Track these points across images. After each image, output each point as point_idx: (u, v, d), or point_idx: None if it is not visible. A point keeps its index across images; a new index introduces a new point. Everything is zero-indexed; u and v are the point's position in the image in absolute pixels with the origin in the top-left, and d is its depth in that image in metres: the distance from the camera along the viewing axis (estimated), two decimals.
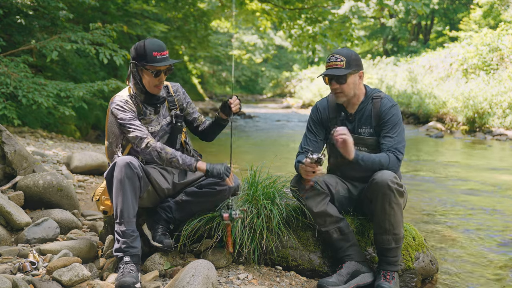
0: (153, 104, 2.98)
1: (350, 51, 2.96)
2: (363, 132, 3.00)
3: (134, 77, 2.93)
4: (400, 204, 2.80)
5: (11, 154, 4.03)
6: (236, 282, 2.75)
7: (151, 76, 2.87)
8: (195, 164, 2.85)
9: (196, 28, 18.02)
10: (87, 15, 12.32)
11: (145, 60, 2.83)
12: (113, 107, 2.89)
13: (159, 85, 2.92)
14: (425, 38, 33.82)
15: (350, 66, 2.90)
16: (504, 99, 14.32)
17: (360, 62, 2.96)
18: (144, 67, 2.85)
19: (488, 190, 6.55)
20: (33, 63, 9.10)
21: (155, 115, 3.01)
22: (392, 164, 2.85)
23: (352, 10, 32.52)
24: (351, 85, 2.93)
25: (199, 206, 2.99)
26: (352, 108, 3.03)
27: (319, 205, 2.90)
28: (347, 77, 2.91)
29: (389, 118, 2.93)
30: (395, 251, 2.88)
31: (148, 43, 2.84)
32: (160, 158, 2.85)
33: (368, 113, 2.99)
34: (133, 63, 2.89)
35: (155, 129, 3.01)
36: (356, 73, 2.94)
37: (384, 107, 2.95)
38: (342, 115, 3.05)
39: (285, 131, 15.76)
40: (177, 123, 3.05)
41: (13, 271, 2.73)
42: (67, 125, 10.45)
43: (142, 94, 2.95)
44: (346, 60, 2.90)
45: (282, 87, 45.26)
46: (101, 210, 3.00)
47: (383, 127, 2.93)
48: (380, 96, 2.99)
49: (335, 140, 2.74)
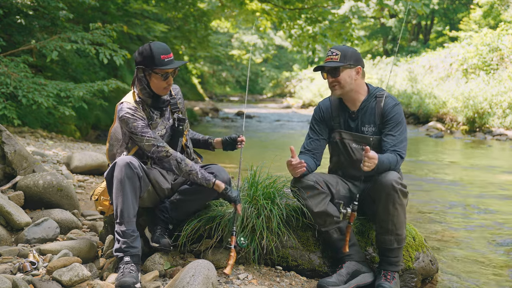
0: (159, 108, 2.97)
1: (349, 47, 2.98)
2: (367, 131, 3.00)
3: (141, 82, 2.89)
4: (403, 205, 2.81)
5: (11, 154, 4.03)
6: (236, 282, 2.75)
7: (160, 80, 2.85)
8: (214, 181, 2.85)
9: (196, 28, 18.01)
10: (87, 15, 12.31)
11: (154, 64, 2.80)
12: (123, 114, 2.83)
13: (168, 88, 2.91)
14: (425, 38, 33.82)
15: (345, 60, 2.92)
16: (504, 99, 14.33)
17: (358, 57, 2.96)
18: (153, 71, 2.82)
19: (488, 190, 6.55)
20: (33, 63, 9.09)
21: (161, 119, 3.00)
22: (398, 164, 2.86)
23: (352, 10, 32.51)
24: (346, 78, 2.93)
25: (193, 203, 2.99)
26: (354, 105, 3.03)
27: (319, 205, 2.90)
28: (340, 69, 2.92)
29: (392, 116, 2.94)
30: (396, 252, 2.88)
31: (154, 47, 2.81)
32: (179, 168, 2.84)
33: (371, 111, 2.99)
34: (140, 68, 2.86)
35: (162, 133, 3.00)
36: (352, 68, 2.94)
37: (387, 106, 2.95)
38: (345, 114, 3.05)
39: (285, 131, 15.77)
40: (179, 126, 3.04)
41: (13, 271, 2.73)
42: (67, 125, 10.45)
43: (149, 99, 2.92)
44: (342, 54, 2.92)
45: (282, 87, 45.27)
46: (99, 210, 2.99)
47: (386, 125, 2.94)
48: (383, 94, 2.99)
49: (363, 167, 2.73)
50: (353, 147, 3.02)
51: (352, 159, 3.01)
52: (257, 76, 48.15)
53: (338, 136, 3.06)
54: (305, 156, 3.03)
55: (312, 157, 3.05)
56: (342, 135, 3.04)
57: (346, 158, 3.04)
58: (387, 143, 2.91)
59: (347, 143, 3.03)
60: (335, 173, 3.15)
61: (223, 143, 3.20)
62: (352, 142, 3.02)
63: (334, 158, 3.15)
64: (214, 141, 3.23)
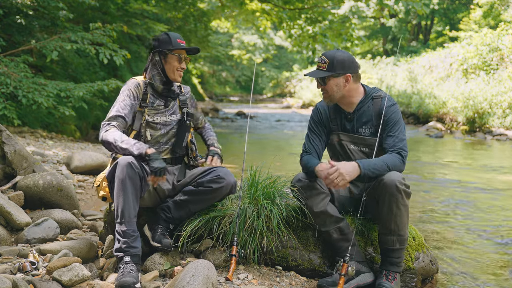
0: (165, 97, 3.09)
1: (338, 54, 2.93)
2: (364, 132, 2.99)
3: (156, 66, 3.06)
4: (407, 206, 2.80)
5: (11, 154, 4.03)
6: (236, 282, 2.75)
7: (175, 61, 3.03)
8: (135, 150, 2.77)
9: (196, 28, 18.02)
10: (87, 15, 12.31)
11: (171, 45, 3.01)
12: (124, 87, 3.05)
13: (181, 72, 3.09)
14: (425, 38, 33.82)
15: (332, 69, 2.90)
16: (504, 99, 14.33)
17: (347, 65, 2.91)
18: (171, 52, 3.01)
19: (488, 190, 6.55)
20: (33, 63, 9.10)
21: (165, 109, 3.10)
22: (399, 163, 2.83)
23: (352, 10, 32.51)
24: (333, 87, 2.93)
25: (197, 205, 3.00)
26: (350, 108, 3.02)
27: (319, 204, 2.90)
28: (326, 79, 2.92)
29: (389, 116, 2.93)
30: (399, 252, 2.88)
31: (171, 33, 3.06)
32: (100, 135, 2.88)
33: (368, 112, 2.98)
34: (156, 51, 3.04)
35: (161, 120, 3.08)
36: (339, 76, 2.91)
37: (384, 106, 2.94)
38: (341, 115, 3.05)
39: (285, 131, 15.76)
40: (186, 121, 3.15)
41: (13, 271, 2.73)
42: (67, 125, 10.45)
43: (161, 86, 3.06)
44: (329, 63, 2.90)
45: (282, 87, 45.29)
46: (101, 196, 2.97)
47: (385, 127, 2.93)
48: (380, 95, 2.99)
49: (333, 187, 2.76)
50: (351, 148, 3.02)
51: (351, 160, 3.01)
52: (257, 76, 48.16)
53: (337, 138, 3.06)
54: (308, 156, 3.03)
55: (315, 157, 3.05)
56: (340, 136, 3.04)
57: (345, 159, 3.04)
58: (387, 144, 2.90)
59: (345, 145, 3.03)
60: None
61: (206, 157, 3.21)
62: (350, 144, 3.02)
63: (334, 159, 3.15)
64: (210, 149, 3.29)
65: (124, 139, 2.81)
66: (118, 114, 2.94)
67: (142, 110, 3.03)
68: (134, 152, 2.76)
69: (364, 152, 3.00)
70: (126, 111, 2.96)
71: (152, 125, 3.05)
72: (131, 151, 2.77)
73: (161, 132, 3.08)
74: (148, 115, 3.04)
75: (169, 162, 3.13)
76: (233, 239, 2.90)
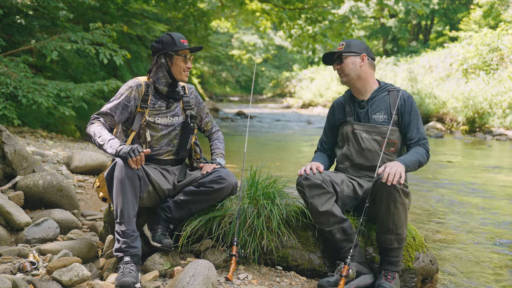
0: (167, 99, 3.08)
1: (355, 40, 3.16)
2: (377, 118, 3.07)
3: (162, 69, 3.04)
4: (405, 205, 2.80)
5: (11, 154, 4.03)
6: (236, 282, 2.75)
7: (181, 61, 3.03)
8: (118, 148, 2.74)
9: (196, 28, 18.01)
10: (87, 15, 12.31)
11: (176, 46, 3.01)
12: (124, 85, 3.04)
13: (187, 71, 3.08)
14: (425, 38, 33.81)
15: (349, 48, 3.09)
16: (504, 99, 14.34)
17: (363, 47, 3.11)
18: (176, 53, 3.01)
19: (488, 190, 6.55)
20: (33, 63, 9.09)
21: (166, 109, 3.09)
22: (426, 158, 3.02)
23: (352, 10, 32.50)
24: (350, 65, 3.08)
25: (197, 205, 3.00)
26: (364, 96, 3.14)
27: (325, 204, 2.90)
28: (343, 56, 3.08)
29: (412, 106, 3.06)
30: (397, 252, 2.88)
31: (173, 34, 3.05)
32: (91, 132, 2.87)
33: (384, 100, 3.08)
34: (162, 53, 3.02)
35: (162, 121, 3.07)
36: (357, 55, 3.08)
37: (404, 97, 3.06)
38: (355, 104, 3.15)
39: (285, 131, 15.76)
40: (190, 123, 3.13)
41: (13, 271, 2.73)
42: (67, 125, 10.45)
43: (166, 88, 3.06)
44: (346, 44, 3.11)
45: (282, 87, 45.29)
46: (101, 197, 3.01)
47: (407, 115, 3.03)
48: (396, 88, 3.12)
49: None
50: (364, 136, 3.09)
51: (361, 147, 3.08)
52: (257, 76, 48.16)
53: (350, 127, 3.14)
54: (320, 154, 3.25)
55: (327, 154, 3.28)
56: (354, 126, 3.13)
57: (355, 146, 3.10)
58: (413, 137, 3.03)
59: (358, 133, 3.11)
60: (342, 165, 3.18)
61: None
62: (363, 132, 3.10)
63: (343, 148, 3.18)
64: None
65: (102, 135, 2.81)
66: (108, 111, 2.95)
67: (143, 111, 3.02)
68: (108, 151, 2.76)
69: (376, 141, 3.06)
70: (118, 111, 2.97)
71: (153, 126, 3.05)
72: (104, 149, 2.79)
73: (162, 133, 3.07)
74: (149, 116, 3.04)
75: (170, 163, 3.13)
76: (233, 239, 2.91)
